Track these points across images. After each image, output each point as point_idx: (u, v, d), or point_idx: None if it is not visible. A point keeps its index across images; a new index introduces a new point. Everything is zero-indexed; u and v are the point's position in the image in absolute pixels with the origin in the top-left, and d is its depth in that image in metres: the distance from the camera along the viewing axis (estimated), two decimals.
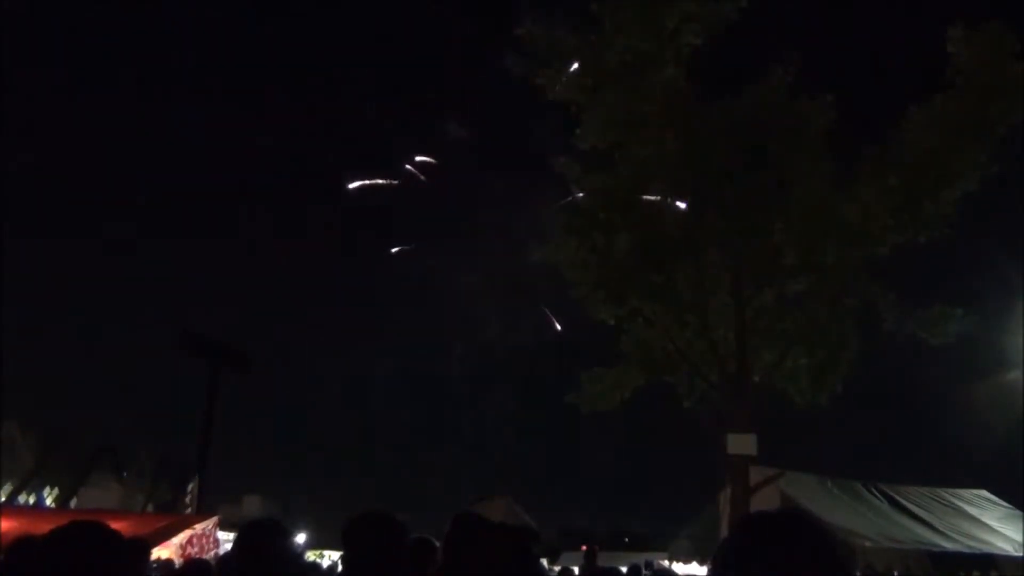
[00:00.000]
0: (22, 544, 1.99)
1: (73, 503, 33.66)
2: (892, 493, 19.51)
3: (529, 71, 14.13)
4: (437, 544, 3.45)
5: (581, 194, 14.65)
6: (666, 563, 20.73)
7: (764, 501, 12.90)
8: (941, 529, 17.68)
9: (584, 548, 10.48)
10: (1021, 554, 16.61)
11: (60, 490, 35.52)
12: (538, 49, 13.98)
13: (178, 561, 10.79)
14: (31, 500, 34.12)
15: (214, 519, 12.95)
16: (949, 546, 16.72)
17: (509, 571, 2.34)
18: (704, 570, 18.74)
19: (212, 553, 11.71)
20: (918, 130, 13.18)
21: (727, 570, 1.59)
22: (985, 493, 21.07)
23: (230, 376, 18.82)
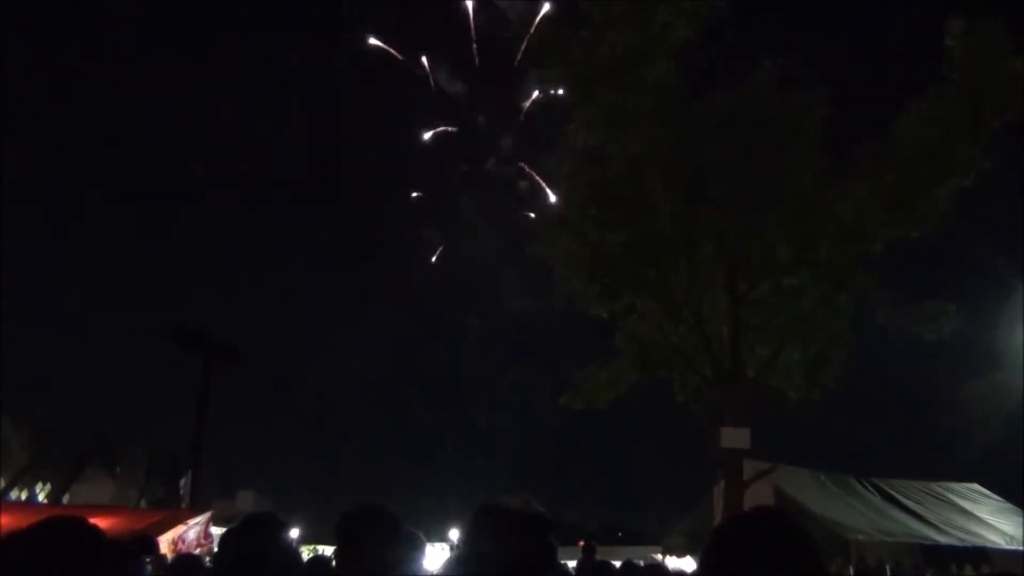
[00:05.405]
0: (6, 541, 1.95)
1: (66, 499, 33.53)
2: (885, 487, 19.59)
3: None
4: (423, 538, 3.46)
5: (571, 190, 14.63)
6: (659, 557, 20.78)
7: (757, 495, 12.94)
8: (934, 522, 17.76)
9: (582, 543, 10.44)
10: (1013, 547, 16.69)
11: (53, 486, 35.40)
12: (528, 50, 13.94)
13: (170, 556, 10.76)
14: (23, 496, 34.00)
15: (207, 515, 12.94)
16: (942, 539, 16.79)
17: (528, 557, 2.39)
18: None
19: (205, 548, 11.69)
20: (912, 126, 13.19)
21: (711, 570, 1.65)
22: (978, 487, 21.17)
23: (223, 371, 18.73)
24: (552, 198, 14.99)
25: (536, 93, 14.75)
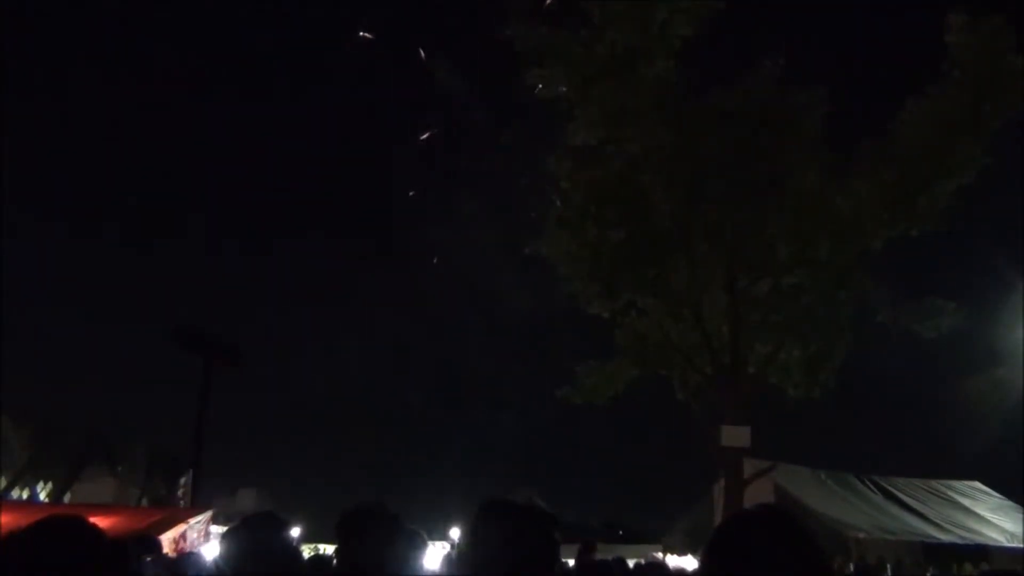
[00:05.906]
0: (7, 541, 1.95)
1: (67, 498, 33.58)
2: (886, 485, 19.61)
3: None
4: (426, 537, 3.46)
5: (571, 189, 14.60)
6: (660, 555, 20.78)
7: (758, 493, 12.93)
8: (934, 520, 17.78)
9: (582, 541, 10.39)
10: (1014, 545, 16.70)
11: (54, 485, 35.46)
12: (527, 49, 13.89)
13: (172, 555, 10.76)
14: (25, 495, 34.04)
15: (208, 513, 12.95)
16: (943, 537, 16.82)
17: (534, 553, 2.40)
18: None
19: (205, 547, 11.70)
20: (914, 124, 13.16)
21: (713, 568, 1.64)
22: (978, 484, 21.19)
23: (224, 369, 18.73)
24: (553, 198, 14.90)
25: (536, 91, 14.64)
